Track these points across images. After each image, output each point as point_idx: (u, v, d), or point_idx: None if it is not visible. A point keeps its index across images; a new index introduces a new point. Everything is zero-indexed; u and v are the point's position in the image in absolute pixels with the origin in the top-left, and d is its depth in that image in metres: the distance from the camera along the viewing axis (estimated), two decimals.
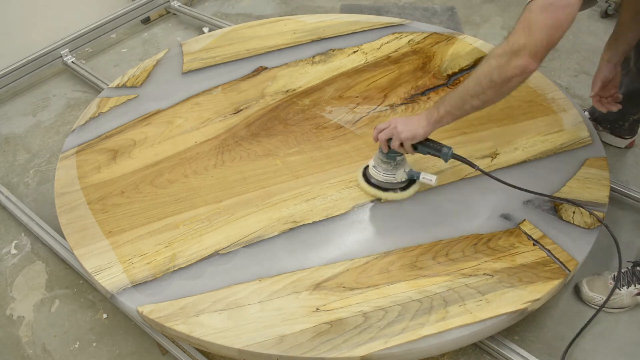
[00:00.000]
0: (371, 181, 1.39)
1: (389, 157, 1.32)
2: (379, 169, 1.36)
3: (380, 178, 1.36)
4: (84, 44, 2.40)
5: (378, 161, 1.36)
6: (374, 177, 1.38)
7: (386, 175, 1.35)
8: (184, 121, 1.68)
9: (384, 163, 1.34)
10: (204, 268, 1.25)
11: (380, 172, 1.36)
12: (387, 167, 1.35)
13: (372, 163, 1.38)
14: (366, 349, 1.07)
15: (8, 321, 1.47)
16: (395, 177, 1.35)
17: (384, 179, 1.36)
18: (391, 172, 1.35)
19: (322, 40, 1.98)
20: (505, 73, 1.10)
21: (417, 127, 1.22)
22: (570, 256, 1.23)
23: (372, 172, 1.38)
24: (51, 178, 1.85)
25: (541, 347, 1.32)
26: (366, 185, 1.39)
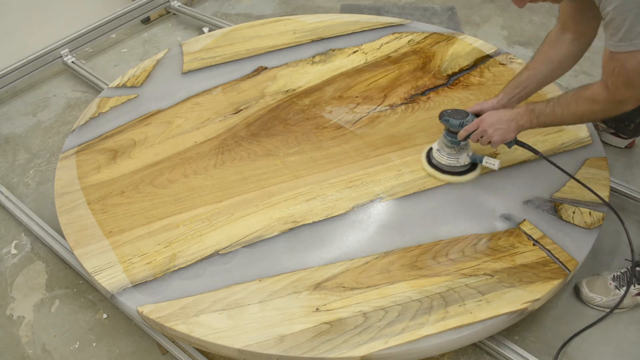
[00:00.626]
0: (434, 163, 1.42)
1: (454, 142, 1.36)
2: (443, 153, 1.39)
3: (443, 161, 1.40)
4: (84, 44, 2.40)
5: (442, 145, 1.39)
6: (437, 160, 1.41)
7: (450, 159, 1.39)
8: (184, 121, 1.68)
9: (448, 147, 1.38)
10: (204, 268, 1.25)
11: (444, 155, 1.39)
12: (451, 151, 1.38)
13: (435, 146, 1.42)
14: (366, 349, 1.07)
15: (8, 321, 1.47)
16: (458, 161, 1.39)
17: (447, 162, 1.39)
18: (455, 156, 1.39)
19: (322, 40, 1.98)
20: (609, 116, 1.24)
21: (507, 133, 1.28)
22: (570, 256, 1.23)
23: (436, 155, 1.42)
24: (51, 178, 1.85)
25: (541, 347, 1.32)
26: (429, 167, 1.43)
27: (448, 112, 1.35)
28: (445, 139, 1.38)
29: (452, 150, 1.38)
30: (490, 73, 1.78)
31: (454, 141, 1.36)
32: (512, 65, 1.81)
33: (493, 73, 1.78)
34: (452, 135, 1.35)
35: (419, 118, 1.62)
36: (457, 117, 1.33)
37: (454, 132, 1.34)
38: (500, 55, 1.86)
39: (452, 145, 1.37)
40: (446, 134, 1.37)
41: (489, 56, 1.86)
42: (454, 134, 1.34)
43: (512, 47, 2.35)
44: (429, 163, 1.44)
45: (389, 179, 1.44)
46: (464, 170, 1.41)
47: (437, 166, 1.42)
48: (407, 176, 1.44)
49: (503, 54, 1.86)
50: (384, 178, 1.44)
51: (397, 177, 1.44)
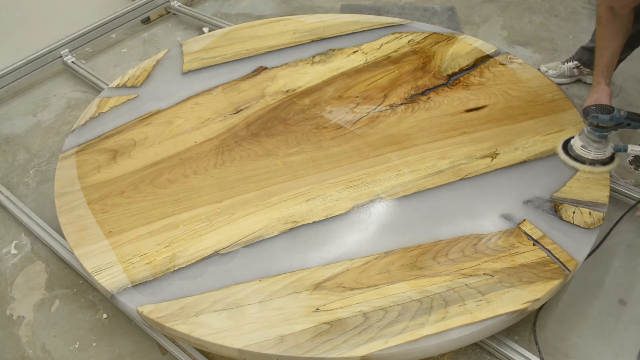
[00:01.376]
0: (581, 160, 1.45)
1: (602, 136, 1.40)
2: (590, 149, 1.43)
3: (591, 157, 1.44)
4: (84, 44, 2.40)
5: (588, 141, 1.43)
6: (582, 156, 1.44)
7: (597, 153, 1.43)
8: (184, 121, 1.68)
9: (595, 142, 1.42)
10: (204, 268, 1.25)
11: (591, 151, 1.43)
12: (598, 145, 1.43)
13: (579, 143, 1.45)
14: (366, 349, 1.07)
15: (8, 321, 1.47)
16: (605, 154, 1.44)
17: (594, 156, 1.43)
18: (602, 150, 1.43)
19: (322, 40, 1.98)
20: None
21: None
22: (570, 256, 1.23)
23: (582, 152, 1.44)
24: (51, 178, 1.85)
25: (541, 347, 1.32)
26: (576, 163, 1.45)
27: (593, 108, 1.38)
28: (593, 135, 1.41)
29: (600, 145, 1.42)
30: (490, 73, 1.78)
31: (602, 135, 1.40)
32: (512, 65, 1.81)
33: (493, 73, 1.78)
34: (600, 130, 1.39)
35: (419, 118, 1.62)
36: (606, 111, 1.36)
37: (602, 127, 1.37)
38: (500, 55, 1.86)
39: (600, 140, 1.41)
40: (593, 129, 1.40)
41: (489, 56, 1.86)
42: (602, 128, 1.38)
43: (512, 47, 2.35)
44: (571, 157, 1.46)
45: (389, 179, 1.44)
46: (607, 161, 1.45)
47: (582, 160, 1.45)
48: (407, 176, 1.44)
49: (503, 54, 1.86)
50: (384, 178, 1.44)
51: (397, 177, 1.44)
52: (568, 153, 1.47)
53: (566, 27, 2.46)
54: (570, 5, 2.62)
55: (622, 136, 1.88)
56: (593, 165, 1.43)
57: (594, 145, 1.42)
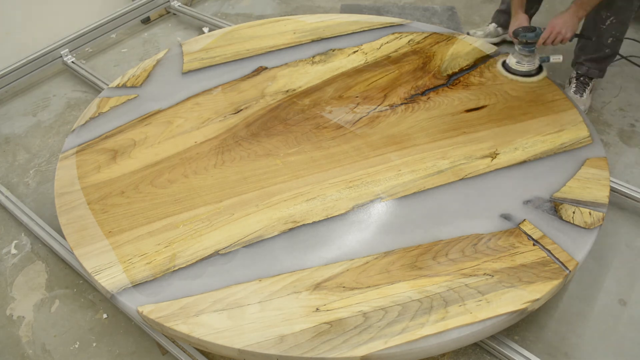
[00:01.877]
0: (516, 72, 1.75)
1: (530, 50, 1.72)
2: (524, 62, 1.74)
3: (524, 69, 1.75)
4: (84, 44, 2.40)
5: (520, 57, 1.74)
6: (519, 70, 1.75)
7: (530, 65, 1.74)
8: (184, 121, 1.68)
9: (526, 56, 1.74)
10: (204, 268, 1.25)
11: (524, 64, 1.74)
12: (529, 59, 1.74)
13: (514, 60, 1.76)
14: (366, 349, 1.07)
15: (8, 321, 1.47)
16: (534, 64, 1.75)
17: (527, 68, 1.75)
18: (532, 62, 1.74)
19: (322, 40, 1.98)
20: None
21: (574, 27, 1.70)
22: (570, 256, 1.23)
23: (516, 66, 1.75)
24: (51, 178, 1.85)
25: (541, 347, 1.32)
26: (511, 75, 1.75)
27: (520, 29, 1.72)
28: (523, 51, 1.73)
29: (530, 58, 1.74)
30: (490, 73, 1.78)
31: (531, 50, 1.72)
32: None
33: (493, 73, 1.78)
34: (528, 46, 1.72)
35: (419, 118, 1.62)
36: (531, 30, 1.71)
37: (530, 43, 1.71)
38: (500, 55, 1.86)
39: (529, 54, 1.73)
40: (522, 47, 1.73)
41: (489, 56, 1.86)
42: (529, 44, 1.71)
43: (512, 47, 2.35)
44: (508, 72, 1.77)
45: (389, 179, 1.44)
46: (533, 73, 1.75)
47: (517, 73, 1.75)
48: (407, 176, 1.44)
49: (503, 54, 1.86)
50: (384, 178, 1.44)
51: (397, 177, 1.44)
52: (507, 70, 1.77)
53: None
54: None
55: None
56: (529, 76, 1.74)
57: (525, 59, 1.74)
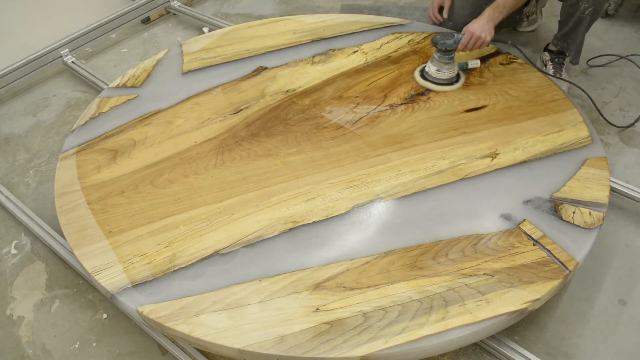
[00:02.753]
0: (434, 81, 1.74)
1: (449, 57, 1.70)
2: (443, 70, 1.72)
3: (444, 77, 1.72)
4: (84, 44, 2.40)
5: (439, 65, 1.72)
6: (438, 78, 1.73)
7: (449, 73, 1.72)
8: (184, 121, 1.68)
9: (445, 64, 1.71)
10: (204, 268, 1.25)
11: (444, 72, 1.72)
12: (449, 66, 1.71)
13: (433, 67, 1.73)
14: (366, 349, 1.07)
15: (8, 321, 1.47)
16: (454, 71, 1.73)
17: (447, 76, 1.72)
18: (451, 69, 1.72)
19: (322, 40, 1.98)
20: None
21: (491, 30, 1.69)
22: (570, 256, 1.23)
23: (435, 74, 1.73)
24: (51, 178, 1.85)
25: (541, 347, 1.32)
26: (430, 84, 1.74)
27: (438, 37, 1.68)
28: (443, 59, 1.70)
29: (450, 65, 1.71)
30: (490, 73, 1.78)
31: (450, 57, 1.70)
32: (512, 65, 1.81)
33: (493, 73, 1.78)
34: (448, 53, 1.69)
35: (419, 118, 1.63)
36: (449, 37, 1.68)
37: (449, 50, 1.68)
38: (500, 55, 1.86)
39: (449, 61, 1.71)
40: (441, 54, 1.69)
41: (489, 56, 1.86)
42: (449, 51, 1.68)
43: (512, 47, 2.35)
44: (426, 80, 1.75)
45: (389, 179, 1.44)
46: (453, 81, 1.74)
47: (435, 81, 1.73)
48: (407, 176, 1.44)
49: (503, 54, 1.86)
50: (384, 178, 1.44)
51: (397, 177, 1.44)
52: (426, 79, 1.75)
53: None
54: None
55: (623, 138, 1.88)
56: (449, 85, 1.72)
57: (445, 67, 1.71)
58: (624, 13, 2.53)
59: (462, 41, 1.68)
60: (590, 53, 2.26)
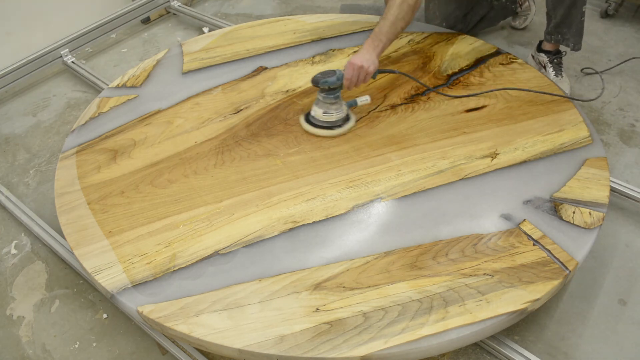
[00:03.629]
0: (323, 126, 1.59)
1: (335, 96, 1.56)
2: (331, 112, 1.57)
3: (333, 119, 1.58)
4: (84, 44, 2.40)
5: (326, 106, 1.57)
6: (326, 121, 1.58)
7: (338, 113, 1.58)
8: (184, 121, 1.68)
9: (332, 105, 1.56)
10: (204, 268, 1.25)
11: (332, 113, 1.57)
12: (336, 106, 1.57)
13: (319, 111, 1.58)
14: (366, 349, 1.07)
15: (8, 321, 1.47)
16: (343, 112, 1.59)
17: (336, 118, 1.58)
18: (339, 110, 1.58)
19: (322, 40, 1.98)
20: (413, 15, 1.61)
21: (374, 61, 1.55)
22: (570, 256, 1.23)
23: (322, 117, 1.58)
24: (51, 178, 1.85)
25: (541, 347, 1.32)
26: (319, 130, 1.59)
27: (318, 76, 1.54)
28: (328, 99, 1.55)
29: (337, 105, 1.57)
30: (490, 73, 1.78)
31: (336, 96, 1.56)
32: (512, 65, 1.81)
33: (493, 73, 1.78)
34: (333, 92, 1.54)
35: (419, 118, 1.62)
36: (331, 75, 1.52)
37: (333, 89, 1.54)
38: (500, 55, 1.86)
39: (335, 101, 1.56)
40: (326, 94, 1.55)
41: (489, 56, 1.86)
42: (333, 90, 1.54)
43: (512, 47, 2.35)
44: (314, 126, 1.60)
45: (389, 179, 1.44)
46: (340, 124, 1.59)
47: (324, 126, 1.58)
48: (407, 176, 1.44)
49: (503, 54, 1.86)
50: (384, 178, 1.44)
51: (397, 177, 1.44)
52: (312, 124, 1.60)
53: None
54: None
55: (622, 136, 1.88)
56: (340, 127, 1.58)
57: (332, 107, 1.56)
58: (624, 13, 2.53)
59: (346, 75, 1.52)
60: (590, 53, 2.26)
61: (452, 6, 2.14)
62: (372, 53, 1.55)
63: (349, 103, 1.61)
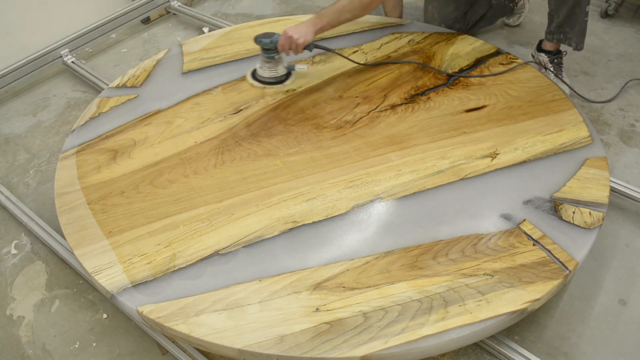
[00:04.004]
0: (261, 80, 1.79)
1: (269, 56, 1.74)
2: (265, 68, 1.77)
3: (266, 75, 1.78)
4: (84, 44, 2.40)
5: (262, 64, 1.77)
6: (261, 76, 1.79)
7: (271, 72, 1.77)
8: (184, 121, 1.68)
9: (267, 63, 1.76)
10: (204, 268, 1.25)
11: (266, 70, 1.77)
12: (270, 65, 1.76)
13: (258, 65, 1.79)
14: (366, 349, 1.07)
15: (8, 321, 1.47)
16: (277, 72, 1.77)
17: (269, 75, 1.77)
18: (274, 69, 1.77)
19: (322, 40, 1.98)
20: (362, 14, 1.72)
21: (307, 35, 1.67)
22: (570, 256, 1.23)
23: (259, 72, 1.79)
24: (51, 178, 1.85)
25: (541, 347, 1.32)
26: (257, 83, 1.79)
27: (260, 35, 1.73)
28: (264, 57, 1.75)
29: (271, 64, 1.76)
30: (490, 73, 1.78)
31: (270, 56, 1.74)
32: (513, 65, 1.81)
33: (493, 73, 1.78)
34: (267, 52, 1.73)
35: (419, 118, 1.62)
36: (267, 37, 1.72)
37: (268, 49, 1.72)
38: (500, 55, 1.86)
39: (269, 60, 1.75)
40: (263, 52, 1.74)
41: (489, 56, 1.86)
42: (268, 50, 1.73)
43: (512, 47, 2.35)
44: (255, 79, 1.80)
45: (389, 179, 1.44)
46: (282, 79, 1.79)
47: (262, 80, 1.79)
48: (407, 176, 1.44)
49: (503, 54, 1.86)
50: (384, 178, 1.44)
51: (397, 177, 1.44)
52: (255, 78, 1.80)
53: None
54: None
55: (621, 136, 1.88)
56: (276, 84, 1.77)
57: (267, 65, 1.76)
58: (624, 13, 2.53)
59: (279, 41, 1.68)
60: (590, 53, 2.26)
61: (451, 7, 2.15)
62: (309, 28, 1.67)
63: (288, 67, 1.79)
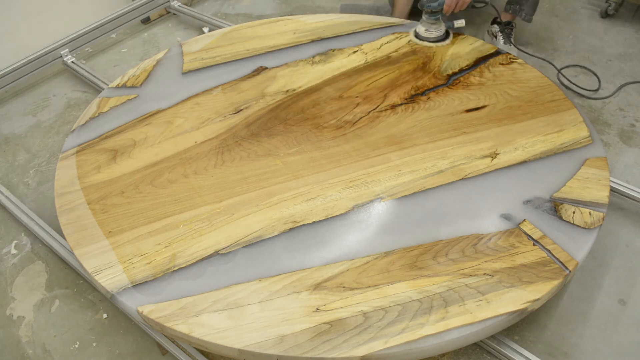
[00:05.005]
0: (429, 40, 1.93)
1: (435, 18, 1.91)
2: (432, 30, 1.93)
3: (433, 36, 1.93)
4: (84, 44, 2.40)
5: (428, 26, 1.93)
6: (428, 37, 1.94)
7: (437, 32, 1.93)
8: (184, 121, 1.68)
9: (433, 24, 1.92)
10: (204, 268, 1.25)
11: (432, 31, 1.93)
12: (436, 26, 1.92)
13: (422, 28, 1.94)
14: (366, 349, 1.07)
15: (8, 321, 1.47)
16: (441, 31, 1.93)
17: (435, 35, 1.93)
18: (439, 29, 1.93)
19: (322, 40, 1.98)
20: None
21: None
22: (570, 256, 1.23)
23: (425, 34, 1.94)
24: (51, 178, 1.85)
25: (541, 347, 1.32)
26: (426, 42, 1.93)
27: (425, 0, 1.88)
28: (430, 19, 1.91)
29: (437, 25, 1.92)
30: (490, 73, 1.78)
31: (436, 17, 1.90)
32: (512, 66, 1.81)
33: (493, 73, 1.78)
34: (434, 15, 1.89)
35: (419, 118, 1.63)
36: (432, 1, 1.87)
37: (434, 12, 1.88)
38: (500, 55, 1.86)
39: (435, 22, 1.91)
40: (428, 16, 1.90)
41: (489, 56, 1.86)
42: (434, 13, 1.88)
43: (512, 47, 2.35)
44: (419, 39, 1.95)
45: (389, 179, 1.44)
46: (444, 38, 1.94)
47: (426, 40, 1.93)
48: (407, 176, 1.44)
49: (503, 54, 1.86)
50: (384, 178, 1.44)
51: (397, 177, 1.44)
52: (419, 39, 1.94)
53: (566, 27, 2.46)
54: (570, 5, 2.63)
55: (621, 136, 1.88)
56: (438, 42, 1.92)
57: (432, 27, 1.92)
58: (624, 13, 2.53)
59: (447, 2, 1.85)
60: (590, 53, 2.26)
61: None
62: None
63: (447, 24, 1.93)
